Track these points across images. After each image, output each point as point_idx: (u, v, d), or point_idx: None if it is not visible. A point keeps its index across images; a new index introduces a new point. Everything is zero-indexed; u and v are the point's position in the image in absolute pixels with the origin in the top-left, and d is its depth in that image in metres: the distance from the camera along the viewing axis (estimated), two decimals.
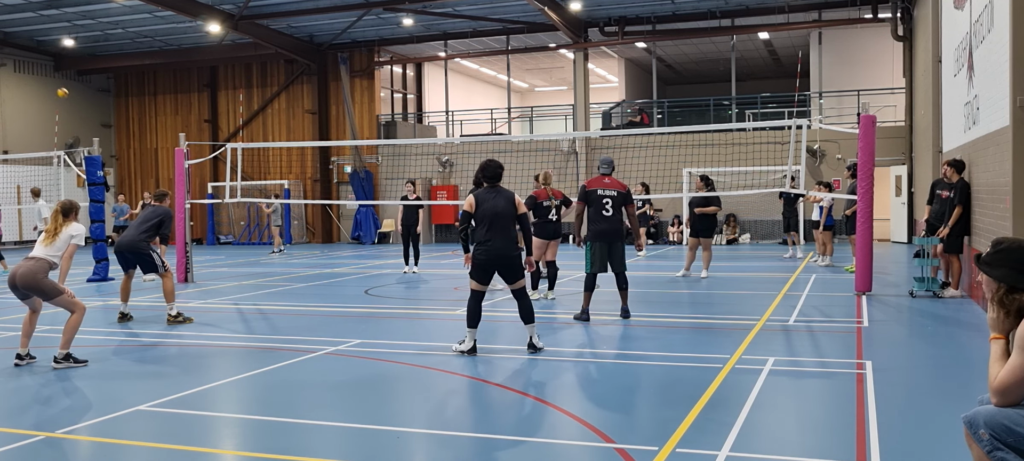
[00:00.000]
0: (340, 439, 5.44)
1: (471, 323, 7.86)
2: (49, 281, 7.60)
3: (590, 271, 10.02)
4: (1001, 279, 3.55)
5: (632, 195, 10.31)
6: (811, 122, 23.40)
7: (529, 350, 7.96)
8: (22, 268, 7.59)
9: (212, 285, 15.01)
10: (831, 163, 24.76)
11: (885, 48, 25.87)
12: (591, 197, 10.05)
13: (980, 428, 3.47)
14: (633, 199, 10.30)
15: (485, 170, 8.07)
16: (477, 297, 7.87)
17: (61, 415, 6.09)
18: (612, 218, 10.00)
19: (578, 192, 10.37)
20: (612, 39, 27.34)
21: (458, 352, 7.91)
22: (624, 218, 10.34)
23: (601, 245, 9.98)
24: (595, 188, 10.08)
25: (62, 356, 7.61)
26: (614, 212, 10.01)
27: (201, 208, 30.09)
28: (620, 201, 10.05)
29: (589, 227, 10.03)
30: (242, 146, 17.75)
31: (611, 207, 10.00)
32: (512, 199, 7.99)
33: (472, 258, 7.86)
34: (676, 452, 4.86)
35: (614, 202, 10.01)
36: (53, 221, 7.89)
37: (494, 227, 7.81)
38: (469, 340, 7.89)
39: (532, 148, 27.05)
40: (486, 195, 7.95)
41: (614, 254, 10.05)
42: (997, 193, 9.70)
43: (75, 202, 8.19)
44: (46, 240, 7.77)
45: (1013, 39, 8.78)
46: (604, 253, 9.99)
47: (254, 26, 25.71)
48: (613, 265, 10.08)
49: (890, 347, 8.33)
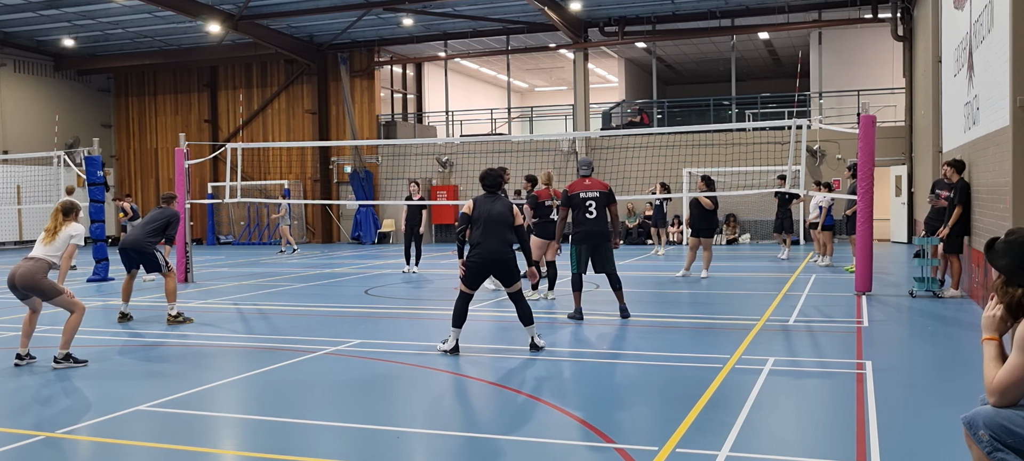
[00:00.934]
0: (340, 439, 5.44)
1: (456, 323, 7.94)
2: (48, 281, 7.60)
3: (574, 272, 10.12)
4: (1002, 269, 3.56)
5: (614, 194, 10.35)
6: (811, 122, 23.40)
7: (531, 350, 8.00)
8: (21, 268, 7.58)
9: (212, 285, 15.01)
10: (831, 163, 24.77)
11: (885, 48, 25.87)
12: (574, 200, 10.11)
13: (980, 429, 3.47)
14: (615, 198, 10.36)
15: (484, 179, 8.21)
16: (465, 298, 7.97)
17: (61, 415, 6.09)
18: (597, 220, 10.05)
19: (561, 197, 10.44)
20: (612, 39, 27.34)
21: (441, 351, 7.97)
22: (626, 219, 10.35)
23: (586, 247, 10.06)
24: (577, 191, 10.14)
25: (62, 356, 7.61)
26: (598, 213, 10.07)
27: (201, 208, 30.09)
28: (603, 201, 10.11)
29: (574, 229, 10.11)
30: (242, 146, 17.75)
31: (595, 208, 10.06)
32: (510, 208, 8.06)
33: (466, 261, 7.94)
34: (676, 452, 4.86)
35: (597, 203, 10.07)
36: (53, 220, 7.88)
37: (489, 231, 7.88)
38: (452, 339, 7.96)
39: (532, 148, 27.05)
40: (484, 200, 8.06)
41: (601, 255, 10.10)
42: (997, 193, 9.70)
43: (76, 203, 8.19)
44: (46, 240, 7.77)
45: (1013, 39, 8.77)
46: (587, 255, 10.07)
47: (254, 26, 25.71)
48: (603, 267, 10.13)
49: (890, 347, 8.33)
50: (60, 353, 7.61)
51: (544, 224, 12.10)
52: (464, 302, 7.96)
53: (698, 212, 14.73)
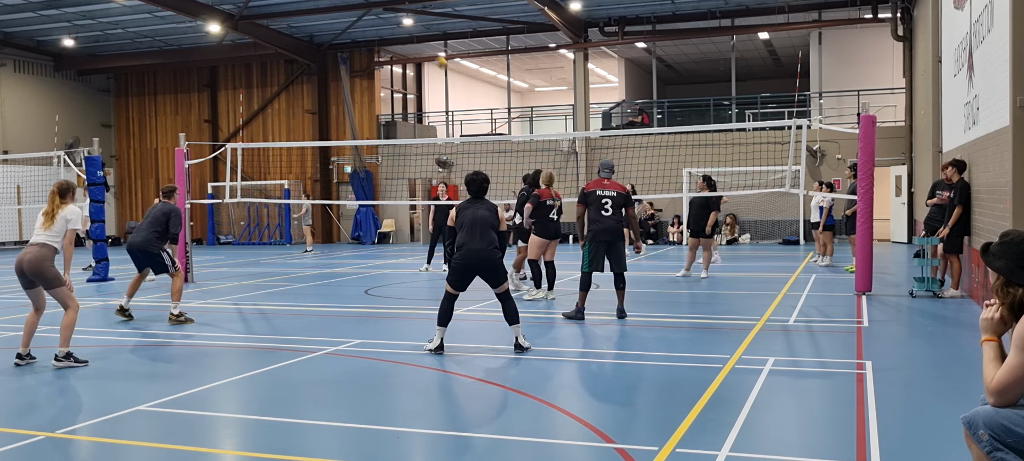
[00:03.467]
0: (340, 439, 5.44)
1: (441, 322, 7.98)
2: (53, 270, 7.55)
3: (586, 270, 10.09)
4: (1000, 270, 3.57)
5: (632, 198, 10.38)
6: (811, 122, 23.40)
7: (516, 350, 7.96)
8: (29, 254, 7.54)
9: (212, 285, 15.01)
10: (831, 163, 24.77)
11: (885, 48, 25.87)
12: (590, 198, 10.14)
13: (979, 429, 3.47)
14: (633, 201, 10.35)
15: (469, 185, 8.24)
16: (450, 299, 8.00)
17: (61, 415, 6.09)
18: (611, 217, 10.08)
19: (577, 195, 10.45)
20: (612, 39, 27.34)
21: (427, 350, 7.99)
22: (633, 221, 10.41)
23: (601, 244, 10.03)
24: (594, 189, 10.19)
25: (63, 355, 7.60)
26: (614, 212, 10.09)
27: (201, 208, 30.09)
28: (620, 202, 10.14)
29: (589, 227, 10.10)
30: (242, 146, 17.75)
31: (611, 207, 10.08)
32: (495, 210, 8.12)
33: (451, 262, 8.02)
34: (676, 452, 4.86)
35: (614, 202, 10.10)
36: (50, 203, 7.77)
37: (473, 233, 7.93)
38: (437, 338, 7.99)
39: (532, 148, 27.05)
40: (467, 206, 8.12)
41: (614, 254, 10.10)
42: (997, 193, 9.70)
43: (72, 182, 8.06)
44: (45, 224, 7.67)
45: (1013, 39, 8.77)
46: (603, 252, 10.05)
47: (254, 26, 25.71)
48: (613, 265, 10.14)
49: (890, 347, 8.33)
50: (60, 351, 7.60)
51: (545, 223, 12.10)
52: (449, 301, 8.00)
53: (695, 213, 14.72)
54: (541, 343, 8.51)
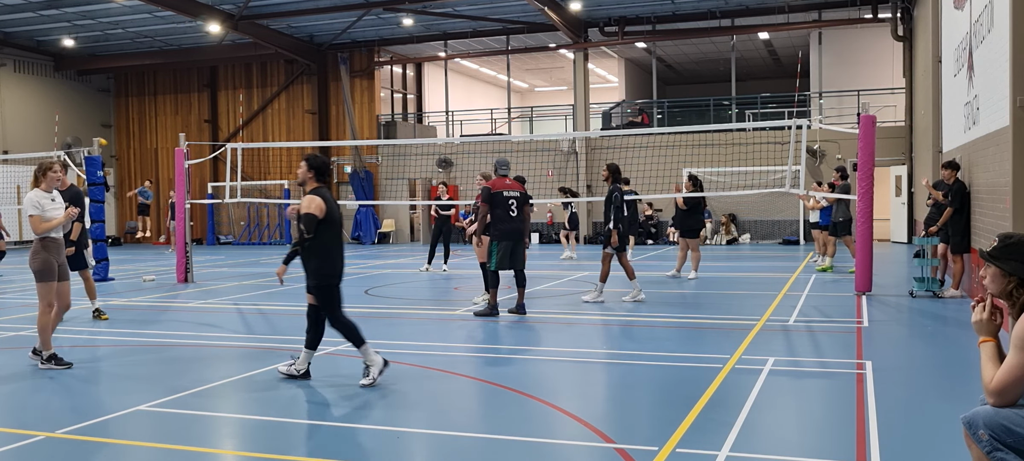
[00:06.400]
0: (340, 439, 5.44)
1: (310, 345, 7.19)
2: (36, 263, 7.46)
3: (494, 269, 10.39)
4: (1013, 272, 3.55)
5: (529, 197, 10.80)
6: (811, 122, 23.39)
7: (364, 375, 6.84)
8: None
9: (212, 285, 15.01)
10: (831, 163, 24.73)
11: (885, 48, 25.87)
12: (497, 199, 10.42)
13: (979, 429, 3.47)
14: (530, 201, 10.78)
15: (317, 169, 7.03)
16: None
17: (61, 415, 6.09)
18: (517, 218, 10.42)
19: (482, 193, 10.69)
20: (612, 39, 27.34)
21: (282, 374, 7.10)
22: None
23: (509, 244, 10.34)
24: (500, 190, 10.44)
25: (41, 354, 7.49)
26: (518, 212, 10.43)
27: (201, 208, 30.08)
28: (522, 202, 10.50)
29: (497, 227, 10.40)
30: (242, 146, 17.74)
31: (516, 207, 10.40)
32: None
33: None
34: (676, 452, 4.86)
35: (517, 202, 10.43)
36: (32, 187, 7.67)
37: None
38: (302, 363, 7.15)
39: (532, 148, 27.05)
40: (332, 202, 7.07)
41: (517, 253, 10.44)
42: (997, 193, 9.70)
43: (47, 162, 7.69)
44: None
45: (1013, 39, 8.77)
46: (509, 251, 10.35)
47: (254, 26, 25.70)
48: (517, 264, 10.46)
49: (890, 347, 8.33)
50: (40, 349, 7.50)
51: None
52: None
53: (681, 213, 14.84)
54: (541, 343, 8.51)
